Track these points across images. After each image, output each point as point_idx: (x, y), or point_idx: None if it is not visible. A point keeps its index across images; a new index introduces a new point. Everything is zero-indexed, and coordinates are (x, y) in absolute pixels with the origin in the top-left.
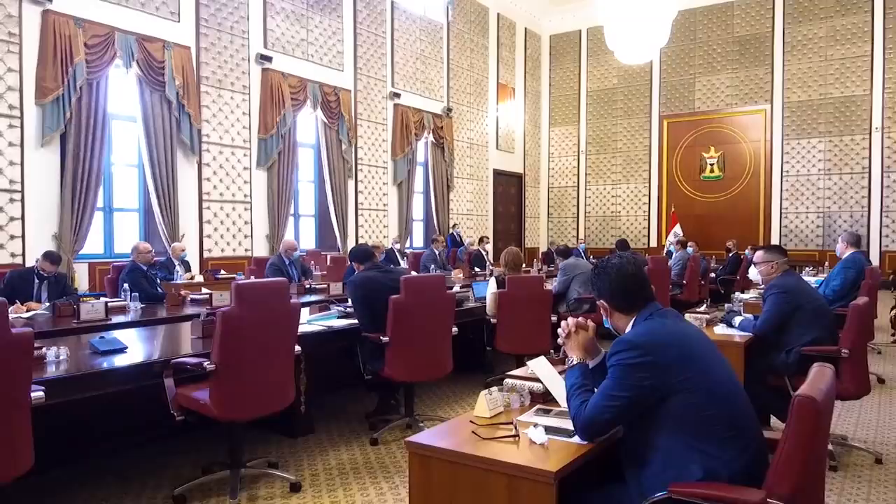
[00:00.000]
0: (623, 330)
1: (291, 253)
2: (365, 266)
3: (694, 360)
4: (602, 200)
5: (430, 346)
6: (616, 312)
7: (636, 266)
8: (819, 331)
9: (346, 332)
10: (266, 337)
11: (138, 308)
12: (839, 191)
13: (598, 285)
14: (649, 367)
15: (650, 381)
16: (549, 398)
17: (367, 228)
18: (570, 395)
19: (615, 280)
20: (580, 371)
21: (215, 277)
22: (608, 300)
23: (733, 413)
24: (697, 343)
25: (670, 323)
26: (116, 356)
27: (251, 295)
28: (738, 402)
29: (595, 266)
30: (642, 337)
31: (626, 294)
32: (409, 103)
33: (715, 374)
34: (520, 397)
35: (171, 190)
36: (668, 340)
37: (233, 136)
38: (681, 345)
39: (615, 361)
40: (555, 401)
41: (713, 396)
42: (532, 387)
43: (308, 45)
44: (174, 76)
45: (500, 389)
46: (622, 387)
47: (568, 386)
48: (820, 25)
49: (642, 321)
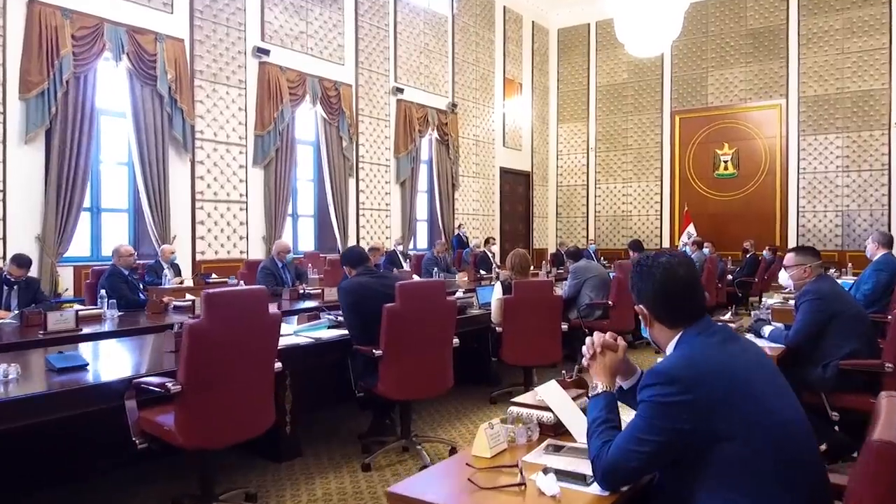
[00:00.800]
0: (664, 345)
1: (284, 255)
2: (357, 271)
3: (746, 399)
4: (612, 199)
5: (428, 359)
6: (657, 323)
7: (689, 270)
8: (857, 342)
9: (335, 344)
10: (240, 353)
11: (115, 316)
12: (858, 188)
13: (639, 286)
14: (688, 407)
15: (688, 426)
16: (561, 430)
17: (369, 229)
18: (590, 432)
19: (661, 284)
20: (605, 402)
21: (206, 282)
22: (649, 307)
23: (791, 460)
24: (754, 373)
25: (721, 347)
26: (75, 375)
27: (223, 305)
28: (798, 446)
29: (638, 263)
30: (683, 367)
31: (672, 303)
32: (413, 99)
33: (772, 415)
34: (527, 430)
35: (162, 189)
36: (716, 373)
37: (228, 132)
38: (731, 378)
39: (647, 397)
40: (568, 433)
41: (766, 445)
42: (541, 416)
43: (307, 38)
44: (166, 70)
45: (504, 420)
46: (653, 429)
47: (589, 420)
48: (836, 17)
49: (687, 341)
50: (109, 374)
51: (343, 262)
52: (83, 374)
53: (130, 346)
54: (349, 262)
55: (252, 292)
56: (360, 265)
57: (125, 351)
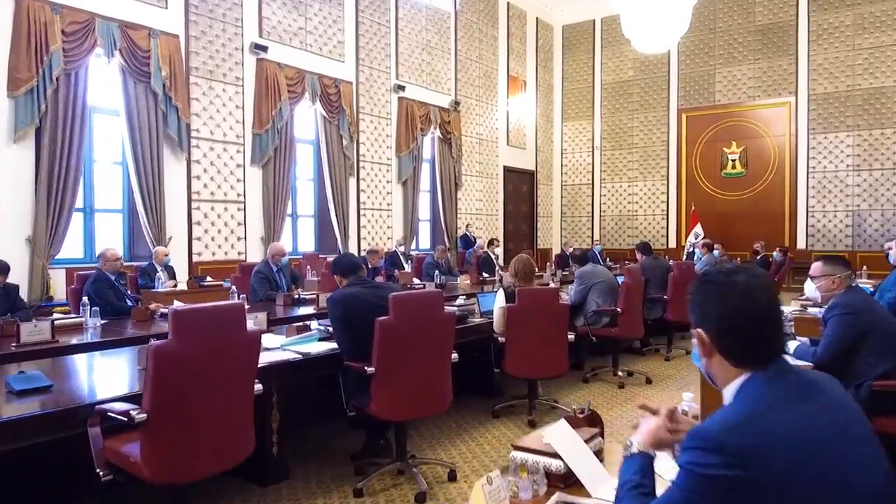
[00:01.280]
0: (721, 384)
1: (280, 259)
2: (348, 281)
3: (821, 481)
4: (618, 199)
5: (424, 377)
6: (719, 356)
7: (772, 297)
8: (893, 360)
9: (325, 359)
10: (215, 376)
11: (98, 325)
12: (869, 188)
13: (703, 308)
14: (737, 486)
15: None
16: (572, 481)
17: (370, 229)
18: (619, 496)
19: (735, 310)
20: (639, 464)
21: (200, 285)
22: (713, 335)
23: None
24: (837, 442)
25: (796, 404)
26: (35, 398)
27: (194, 324)
28: None
29: (706, 278)
30: (738, 431)
31: (745, 337)
32: (415, 96)
33: (847, 497)
34: (532, 483)
35: (157, 189)
36: (783, 443)
37: (225, 130)
38: (803, 451)
39: (687, 462)
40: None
41: None
42: (549, 465)
43: (306, 34)
44: (160, 66)
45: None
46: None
47: (620, 482)
48: (847, 13)
49: (752, 391)
50: (74, 398)
51: (333, 271)
52: (45, 397)
53: (107, 361)
54: (340, 270)
55: (227, 309)
56: (352, 274)
57: (100, 367)
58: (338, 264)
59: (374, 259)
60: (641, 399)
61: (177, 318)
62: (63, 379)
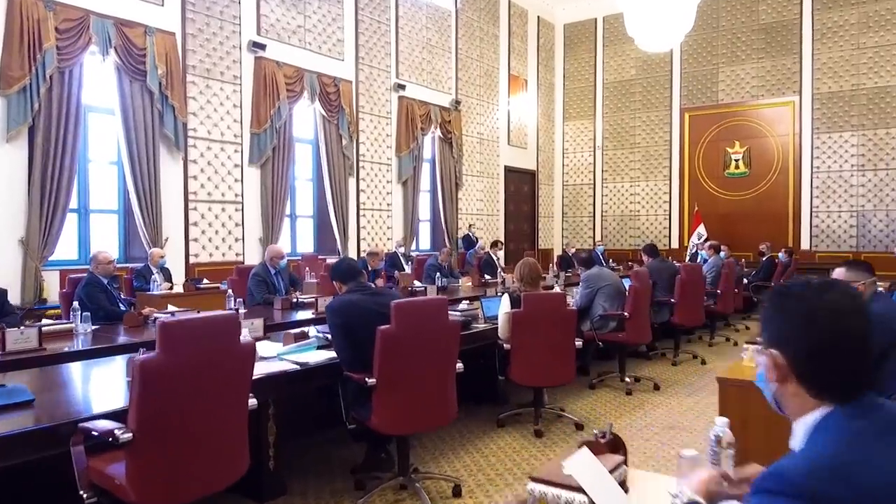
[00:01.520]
0: (794, 414)
1: (278, 261)
2: (348, 287)
3: None
4: (620, 199)
5: (428, 388)
6: (795, 383)
7: (864, 320)
8: None
9: (325, 369)
10: (205, 392)
11: (88, 331)
12: (874, 188)
13: (779, 326)
14: None
15: None
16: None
17: (370, 230)
18: None
19: (823, 332)
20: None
21: (196, 287)
22: (790, 357)
23: None
24: None
25: (890, 446)
26: (16, 414)
27: (183, 337)
28: None
29: (787, 291)
30: (829, 476)
31: (832, 365)
32: (415, 95)
33: None
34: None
35: (153, 189)
36: (880, 495)
37: (222, 130)
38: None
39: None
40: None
41: None
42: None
43: (305, 32)
44: (157, 65)
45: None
46: None
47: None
48: (852, 11)
49: (836, 428)
50: (57, 414)
51: (332, 277)
52: (26, 412)
53: (96, 371)
54: (339, 276)
55: (219, 320)
56: (352, 280)
57: (88, 378)
58: (337, 270)
59: (374, 261)
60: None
61: (165, 330)
62: (48, 392)
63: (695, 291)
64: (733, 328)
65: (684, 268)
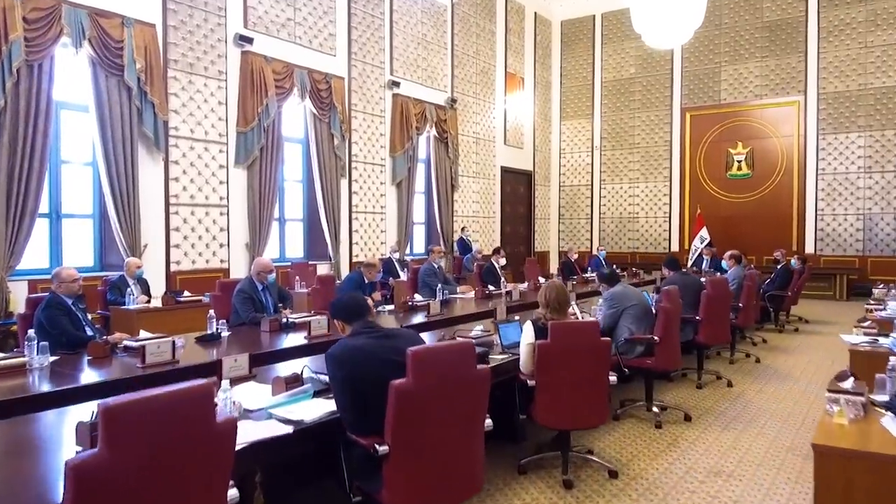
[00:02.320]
0: None
1: (266, 276)
2: (353, 328)
3: None
4: (618, 200)
5: (452, 454)
6: None
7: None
8: None
9: (322, 429)
10: (168, 491)
11: (45, 365)
12: (881, 190)
13: None
14: None
15: None
16: None
17: (363, 234)
18: None
19: None
20: None
21: (177, 301)
22: None
23: None
24: None
25: None
26: None
27: (133, 425)
28: None
29: None
30: None
31: None
32: (410, 93)
33: None
34: None
35: (131, 192)
36: None
37: (206, 128)
38: None
39: None
40: None
41: None
42: None
43: (295, 26)
44: (135, 58)
45: None
46: None
47: None
48: (859, 9)
49: None
50: None
51: (333, 315)
52: None
53: (41, 428)
54: (342, 314)
55: (187, 394)
56: (357, 319)
57: (25, 439)
58: (338, 307)
59: (370, 273)
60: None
61: (109, 418)
62: None
63: (721, 307)
64: (750, 341)
65: (710, 282)
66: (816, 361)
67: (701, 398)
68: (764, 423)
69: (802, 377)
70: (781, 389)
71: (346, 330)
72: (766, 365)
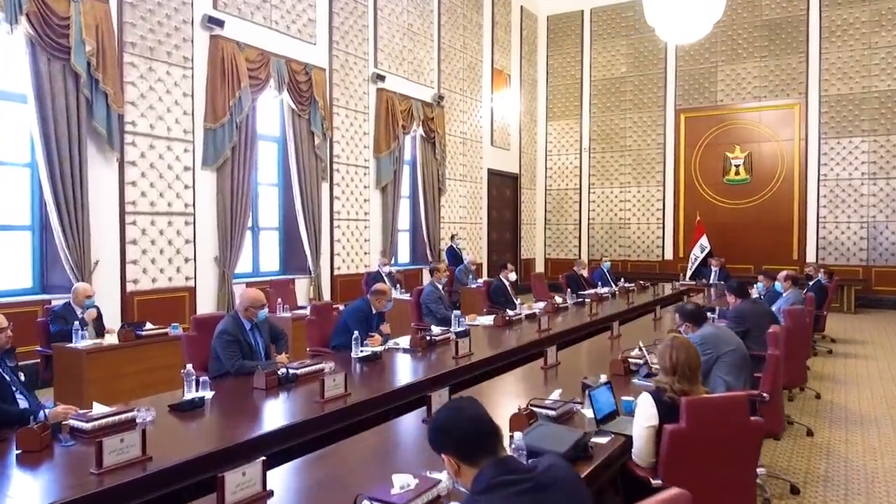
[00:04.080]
0: None
1: (255, 312)
2: (481, 468)
3: None
4: (608, 205)
5: None
6: None
7: None
8: None
9: None
10: None
11: None
12: (886, 198)
13: None
14: None
15: None
16: None
17: (345, 243)
18: None
19: None
20: None
21: (137, 335)
22: None
23: None
24: None
25: None
26: None
27: None
28: None
29: None
30: None
31: None
32: (396, 88)
33: None
34: None
35: (79, 199)
36: None
37: (169, 124)
38: None
39: None
40: None
41: None
42: None
43: (272, 9)
44: (84, 39)
45: None
46: None
47: None
48: (862, 8)
49: None
50: None
51: (438, 446)
52: None
53: None
54: (455, 448)
55: None
56: (484, 455)
57: None
58: (444, 432)
59: (380, 302)
60: None
61: None
62: None
63: (801, 344)
64: None
65: (788, 313)
66: (881, 394)
67: (788, 456)
68: (886, 493)
69: (883, 420)
70: (870, 438)
71: (463, 473)
72: (829, 401)
